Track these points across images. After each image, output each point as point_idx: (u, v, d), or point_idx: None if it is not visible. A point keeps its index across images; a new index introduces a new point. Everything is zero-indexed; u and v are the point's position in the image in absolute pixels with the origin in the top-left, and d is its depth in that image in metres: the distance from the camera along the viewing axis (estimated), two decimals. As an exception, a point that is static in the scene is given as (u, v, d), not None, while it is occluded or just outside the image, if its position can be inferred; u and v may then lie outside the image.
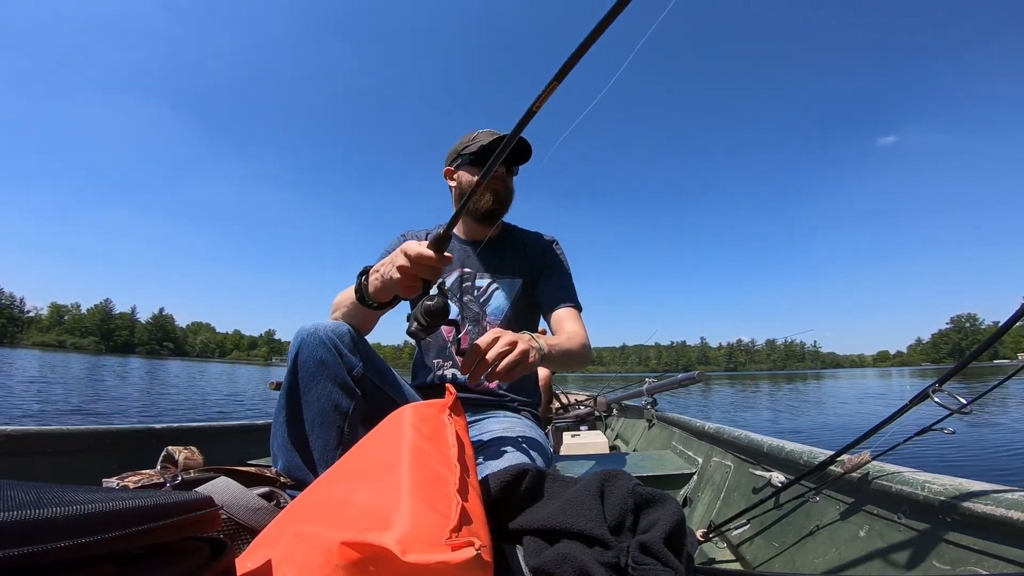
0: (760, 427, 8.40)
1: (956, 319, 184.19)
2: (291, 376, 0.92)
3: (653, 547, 0.53)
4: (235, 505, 0.67)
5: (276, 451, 0.94)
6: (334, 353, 0.92)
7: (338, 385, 0.92)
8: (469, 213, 1.25)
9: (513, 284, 1.27)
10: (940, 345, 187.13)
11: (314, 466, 0.90)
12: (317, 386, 0.91)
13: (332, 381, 0.91)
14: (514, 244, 1.33)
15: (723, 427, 1.61)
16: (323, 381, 0.91)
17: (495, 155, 0.70)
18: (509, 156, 1.19)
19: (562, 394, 3.95)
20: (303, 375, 0.91)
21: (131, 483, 0.71)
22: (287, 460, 0.91)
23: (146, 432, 1.42)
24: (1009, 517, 0.62)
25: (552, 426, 3.04)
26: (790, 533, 1.00)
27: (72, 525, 0.27)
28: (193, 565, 0.35)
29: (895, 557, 0.75)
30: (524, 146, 1.18)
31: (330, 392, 0.91)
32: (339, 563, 0.38)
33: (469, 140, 1.23)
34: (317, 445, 0.90)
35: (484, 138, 1.20)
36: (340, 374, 0.92)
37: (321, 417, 0.91)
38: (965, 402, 0.75)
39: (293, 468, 0.91)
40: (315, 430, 0.91)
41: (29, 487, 0.30)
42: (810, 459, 1.04)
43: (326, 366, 0.91)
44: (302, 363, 0.91)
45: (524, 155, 1.20)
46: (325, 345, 0.91)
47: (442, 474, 0.50)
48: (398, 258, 0.80)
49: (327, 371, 0.91)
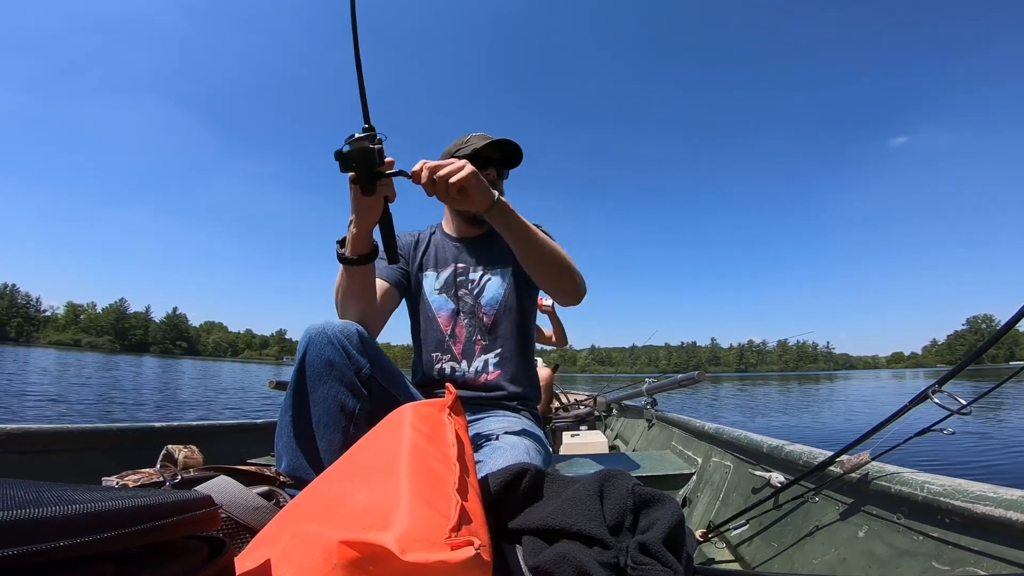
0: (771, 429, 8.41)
1: (972, 320, 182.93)
2: (298, 375, 0.91)
3: (652, 547, 0.53)
4: (234, 504, 0.67)
5: (280, 450, 0.93)
6: (342, 353, 0.91)
7: (345, 386, 0.91)
8: (459, 214, 1.31)
9: (505, 272, 1.29)
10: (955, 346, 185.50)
11: (318, 467, 0.89)
12: (324, 386, 0.90)
13: (339, 382, 0.91)
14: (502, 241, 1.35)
15: (722, 427, 1.61)
16: (330, 381, 0.90)
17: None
18: (501, 160, 1.25)
19: (562, 394, 3.96)
20: (310, 374, 0.91)
21: (131, 482, 0.71)
22: (291, 460, 0.91)
23: (146, 431, 1.42)
24: (1008, 517, 0.62)
25: (552, 426, 3.04)
26: (789, 533, 1.00)
27: (71, 524, 0.27)
28: (192, 564, 0.35)
29: (894, 557, 0.75)
30: (515, 150, 1.23)
31: (336, 393, 0.91)
32: (338, 562, 0.38)
33: (463, 143, 1.25)
34: (322, 446, 0.90)
35: (476, 141, 1.22)
36: (347, 374, 0.91)
37: (327, 418, 0.90)
38: (964, 403, 0.75)
39: (297, 468, 0.90)
40: (320, 431, 0.90)
41: (28, 486, 0.30)
42: (809, 459, 1.04)
43: (333, 366, 0.90)
44: (309, 362, 0.91)
45: (515, 159, 1.25)
46: (333, 345, 0.91)
47: (441, 473, 0.50)
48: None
49: (334, 371, 0.91)
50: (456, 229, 1.36)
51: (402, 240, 1.34)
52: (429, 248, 1.34)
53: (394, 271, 1.24)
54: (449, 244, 1.34)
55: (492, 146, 1.22)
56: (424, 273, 1.31)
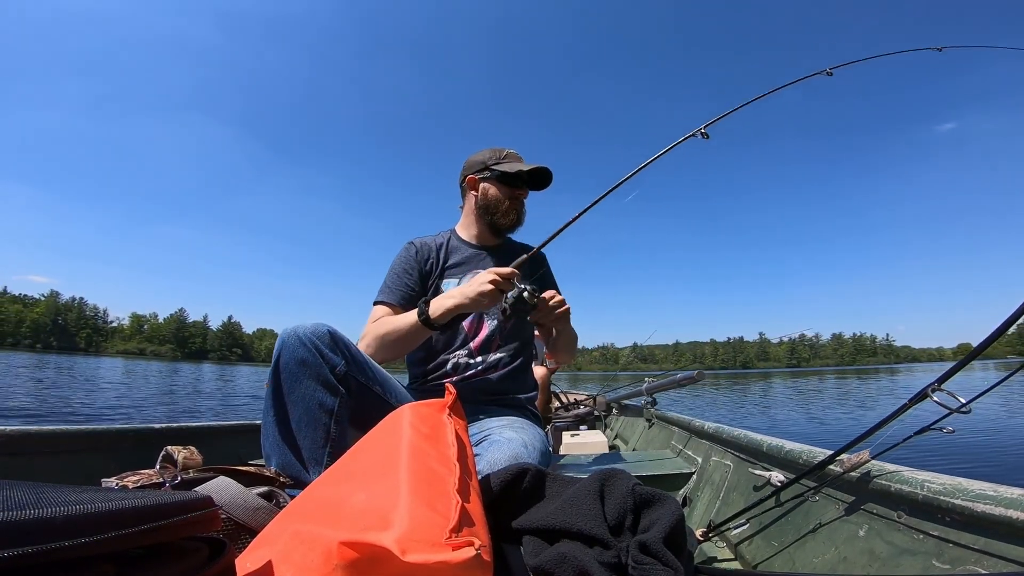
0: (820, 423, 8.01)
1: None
2: (274, 377, 0.95)
3: (653, 547, 0.53)
4: (234, 505, 0.67)
5: (268, 451, 0.96)
6: (314, 353, 0.95)
7: (321, 384, 0.95)
8: (489, 225, 1.41)
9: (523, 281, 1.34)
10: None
11: (306, 464, 0.92)
12: (300, 386, 0.94)
13: (315, 380, 0.94)
14: (514, 250, 1.42)
15: (722, 426, 1.61)
16: (306, 380, 0.94)
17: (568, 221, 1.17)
18: (534, 182, 1.39)
19: (561, 394, 3.96)
20: (286, 376, 0.95)
21: (130, 483, 0.71)
22: (280, 459, 0.94)
23: (145, 432, 1.42)
24: (1008, 516, 0.62)
25: (551, 426, 3.04)
26: (790, 532, 1.00)
27: (71, 525, 0.27)
28: (193, 565, 0.35)
29: (895, 556, 0.75)
30: (547, 174, 1.38)
31: (314, 391, 0.94)
32: (338, 563, 0.38)
33: (499, 156, 1.36)
34: (306, 444, 0.93)
35: (516, 161, 1.36)
36: (322, 372, 0.95)
37: (307, 416, 0.94)
38: (964, 401, 0.74)
39: (287, 466, 0.93)
40: (302, 429, 0.93)
41: (28, 487, 0.30)
42: (809, 458, 1.04)
43: (307, 365, 0.94)
44: (284, 364, 0.95)
45: (546, 182, 1.40)
46: (305, 346, 0.95)
47: (441, 474, 0.50)
48: (485, 276, 1.10)
49: (308, 370, 0.94)
50: (477, 236, 1.44)
51: (424, 246, 1.40)
52: (452, 254, 1.42)
53: (407, 296, 1.32)
54: (468, 250, 1.43)
55: (537, 174, 1.37)
56: (447, 280, 1.38)
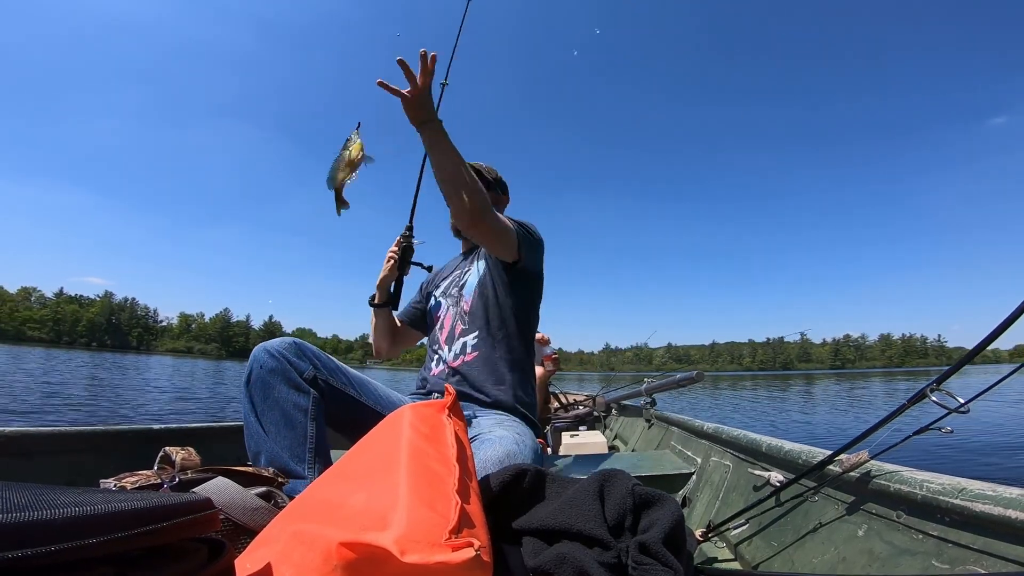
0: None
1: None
2: (247, 388, 1.04)
3: (652, 547, 0.53)
4: (233, 506, 0.67)
5: (255, 449, 1.02)
6: (283, 362, 1.05)
7: (292, 387, 1.04)
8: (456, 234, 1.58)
9: (480, 264, 1.45)
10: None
11: (291, 462, 0.98)
12: (273, 391, 1.03)
13: (286, 384, 1.04)
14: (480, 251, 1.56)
15: (722, 427, 1.61)
16: (278, 385, 1.03)
17: None
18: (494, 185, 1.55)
19: (560, 394, 3.96)
20: (260, 385, 1.03)
21: (128, 484, 0.71)
22: (268, 453, 0.99)
23: (143, 433, 1.42)
24: (1008, 516, 0.62)
25: (551, 426, 3.04)
26: (789, 532, 1.00)
27: (71, 527, 0.27)
28: (192, 566, 0.35)
29: (894, 556, 0.75)
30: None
31: (287, 393, 1.03)
32: (338, 563, 0.38)
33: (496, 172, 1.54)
34: (286, 443, 0.99)
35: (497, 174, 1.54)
36: (292, 376, 1.04)
37: (285, 418, 1.01)
38: (962, 401, 0.75)
39: (274, 459, 0.98)
40: (282, 429, 1.00)
41: (27, 488, 0.30)
42: (809, 458, 1.04)
43: (277, 372, 1.04)
44: (256, 376, 1.04)
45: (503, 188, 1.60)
46: (274, 357, 1.05)
47: (441, 474, 0.50)
48: None
49: (278, 376, 1.04)
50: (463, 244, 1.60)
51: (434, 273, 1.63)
52: (443, 270, 1.61)
53: (409, 311, 1.59)
54: (454, 261, 1.59)
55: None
56: (436, 291, 1.54)
